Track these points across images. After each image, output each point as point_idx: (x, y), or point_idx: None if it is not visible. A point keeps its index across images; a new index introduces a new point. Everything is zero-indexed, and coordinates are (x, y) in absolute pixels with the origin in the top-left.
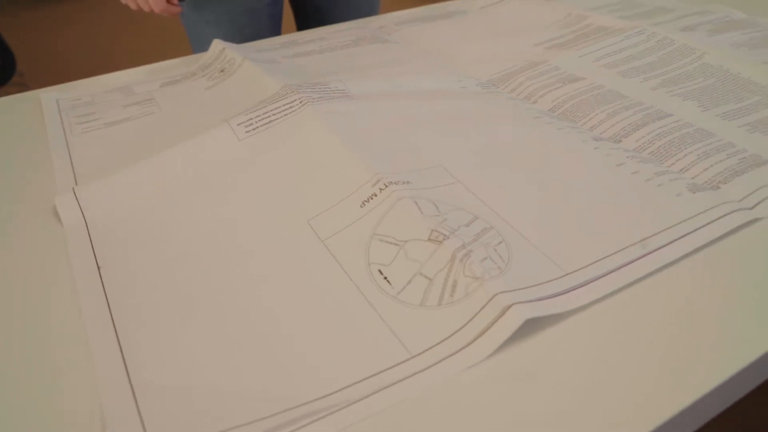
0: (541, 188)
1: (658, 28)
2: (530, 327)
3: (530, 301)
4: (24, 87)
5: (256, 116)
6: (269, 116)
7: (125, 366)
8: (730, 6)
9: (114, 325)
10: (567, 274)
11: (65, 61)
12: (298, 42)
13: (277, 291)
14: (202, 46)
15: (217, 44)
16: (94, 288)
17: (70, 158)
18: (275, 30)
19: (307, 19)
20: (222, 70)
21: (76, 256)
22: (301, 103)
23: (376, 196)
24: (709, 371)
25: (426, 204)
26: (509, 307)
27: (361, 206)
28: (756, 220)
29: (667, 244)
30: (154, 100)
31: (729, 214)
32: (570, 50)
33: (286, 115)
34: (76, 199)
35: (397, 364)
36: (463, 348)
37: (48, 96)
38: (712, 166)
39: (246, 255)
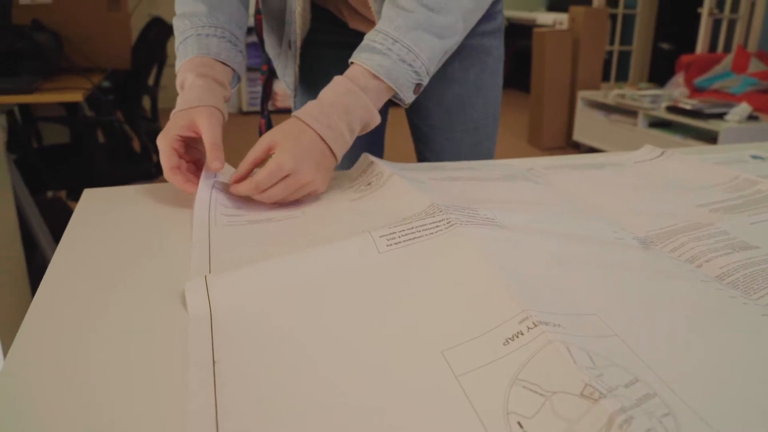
0: (713, 358)
1: None
2: None
3: None
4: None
5: (400, 231)
6: (413, 233)
7: None
8: None
9: (217, 425)
10: None
11: None
12: (446, 168)
13: (397, 422)
14: None
15: (365, 158)
16: (204, 385)
17: (209, 248)
18: None
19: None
20: (369, 183)
21: (195, 348)
22: (448, 223)
23: (522, 334)
24: None
25: (579, 353)
26: None
27: (504, 344)
28: None
29: None
30: (299, 204)
31: None
32: (740, 215)
33: (431, 234)
34: (206, 287)
35: None
36: None
37: (204, 187)
38: None
39: (369, 375)
